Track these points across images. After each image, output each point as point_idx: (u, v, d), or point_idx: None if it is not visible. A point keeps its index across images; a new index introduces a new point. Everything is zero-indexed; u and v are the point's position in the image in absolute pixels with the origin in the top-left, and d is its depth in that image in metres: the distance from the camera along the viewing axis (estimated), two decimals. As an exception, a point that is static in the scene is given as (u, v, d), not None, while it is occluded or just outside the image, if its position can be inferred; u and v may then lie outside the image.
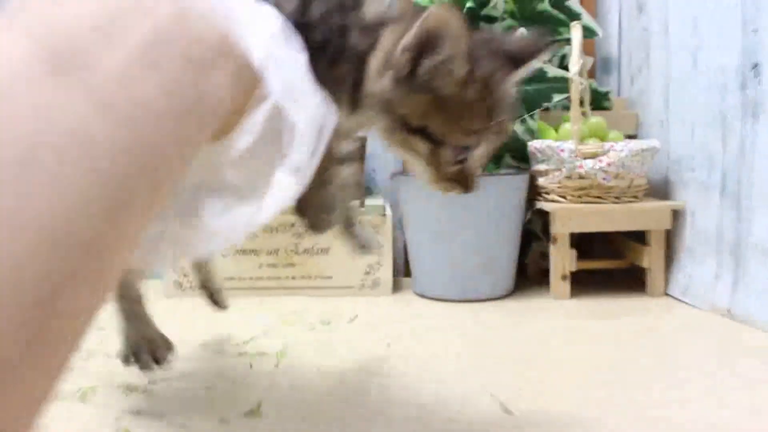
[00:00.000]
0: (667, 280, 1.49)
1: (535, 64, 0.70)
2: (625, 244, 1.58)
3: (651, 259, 1.48)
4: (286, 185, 0.48)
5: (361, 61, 0.61)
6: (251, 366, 1.06)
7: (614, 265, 1.60)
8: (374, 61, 0.61)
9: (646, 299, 1.47)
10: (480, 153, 0.67)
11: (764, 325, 1.18)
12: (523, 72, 0.68)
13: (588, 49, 1.74)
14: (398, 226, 1.62)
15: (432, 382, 0.97)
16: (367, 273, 1.52)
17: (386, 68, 0.61)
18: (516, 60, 0.67)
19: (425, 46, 0.59)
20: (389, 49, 0.60)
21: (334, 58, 0.60)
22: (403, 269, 1.72)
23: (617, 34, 1.78)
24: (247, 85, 0.40)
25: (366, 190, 1.74)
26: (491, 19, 1.59)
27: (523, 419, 0.84)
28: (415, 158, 0.67)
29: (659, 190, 1.57)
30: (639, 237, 1.51)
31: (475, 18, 1.57)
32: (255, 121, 0.45)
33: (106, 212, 0.30)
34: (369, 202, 1.54)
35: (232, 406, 0.88)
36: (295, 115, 0.46)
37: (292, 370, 1.04)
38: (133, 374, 1.01)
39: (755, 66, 1.21)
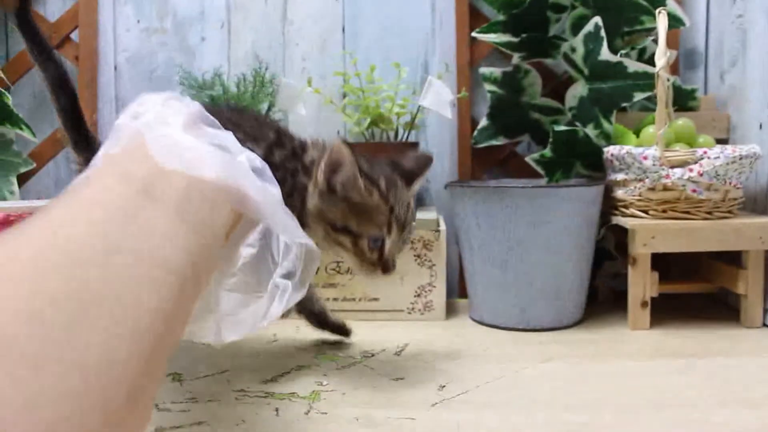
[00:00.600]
0: (766, 309, 1.28)
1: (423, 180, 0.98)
2: (712, 265, 1.36)
3: (748, 284, 1.26)
4: (284, 286, 0.70)
5: (305, 191, 0.87)
6: (277, 412, 0.90)
7: (701, 289, 1.39)
8: (310, 187, 0.87)
9: (742, 331, 1.26)
10: (391, 240, 0.88)
11: None
12: (417, 185, 0.96)
13: (670, 42, 1.53)
14: (453, 241, 1.44)
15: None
16: (418, 296, 1.34)
17: (315, 188, 0.86)
18: (408, 176, 0.93)
19: (333, 168, 0.84)
20: (315, 175, 0.86)
21: (290, 192, 0.85)
22: (457, 289, 1.54)
23: (704, 23, 1.56)
24: (238, 211, 0.53)
25: (418, 200, 1.57)
26: (560, 8, 1.40)
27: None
28: (344, 251, 0.89)
29: (759, 203, 1.35)
30: (730, 257, 1.30)
31: (542, 7, 1.39)
32: (254, 238, 0.70)
33: (179, 302, 0.41)
34: (421, 215, 1.35)
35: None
36: (280, 233, 0.67)
37: (325, 420, 0.87)
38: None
39: None
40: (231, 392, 0.97)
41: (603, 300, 1.46)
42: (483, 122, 1.50)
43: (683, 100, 1.47)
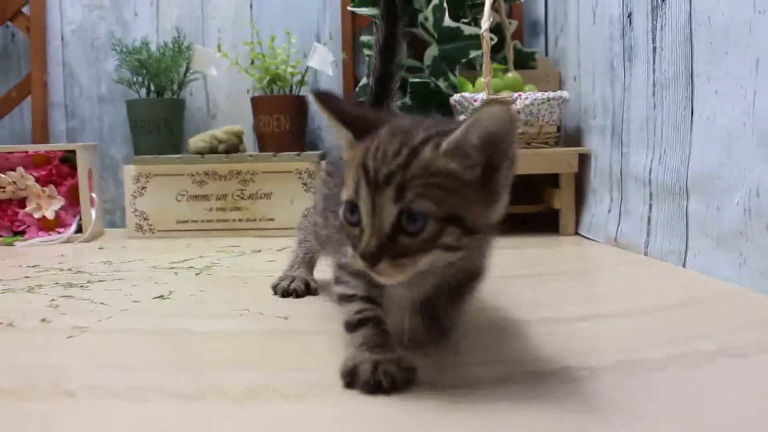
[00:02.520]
0: (577, 221, 1.65)
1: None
2: (543, 189, 1.73)
3: (562, 201, 1.64)
4: None
5: None
6: (176, 274, 1.24)
7: (531, 209, 1.75)
8: None
9: (560, 238, 1.62)
10: (364, 204, 0.60)
11: (638, 247, 1.32)
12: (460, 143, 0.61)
13: (516, 14, 1.90)
14: (339, 175, 1.79)
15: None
16: (305, 216, 1.69)
17: None
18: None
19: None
20: None
21: None
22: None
23: (544, -1, 1.93)
24: None
25: (311, 145, 1.93)
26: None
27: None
28: None
29: (571, 138, 1.72)
30: (556, 183, 1.67)
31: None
32: None
33: None
34: (307, 153, 1.72)
35: (147, 294, 1.06)
36: None
37: (210, 277, 1.22)
38: (75, 277, 1.20)
39: (629, 15, 1.36)
40: (145, 267, 1.31)
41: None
42: (363, 80, 1.85)
43: (525, 61, 1.84)
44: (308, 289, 1.05)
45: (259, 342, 0.81)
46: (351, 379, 0.62)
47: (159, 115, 1.79)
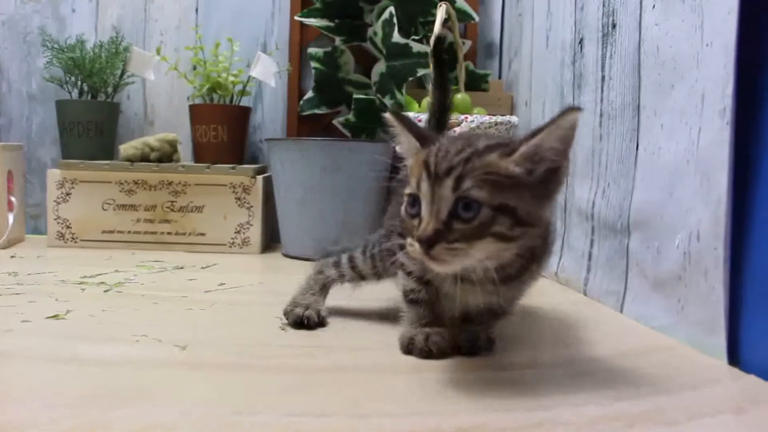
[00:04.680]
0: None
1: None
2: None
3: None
4: None
5: None
6: (83, 290, 1.14)
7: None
8: None
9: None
10: (425, 197, 0.67)
11: (577, 284, 1.27)
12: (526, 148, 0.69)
13: (471, 34, 1.85)
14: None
15: (238, 323, 1.06)
16: (237, 232, 1.61)
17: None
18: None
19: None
20: None
21: None
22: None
23: (500, 20, 1.88)
24: None
25: (252, 159, 1.85)
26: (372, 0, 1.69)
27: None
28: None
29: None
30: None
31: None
32: None
33: None
34: (242, 167, 1.63)
35: (42, 313, 0.97)
36: None
37: (118, 295, 1.12)
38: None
39: (581, 41, 1.31)
40: (53, 281, 1.21)
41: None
42: (309, 94, 1.77)
43: (477, 83, 1.78)
44: (319, 319, 0.96)
45: (149, 373, 0.73)
46: (409, 348, 0.81)
47: (91, 118, 1.69)
